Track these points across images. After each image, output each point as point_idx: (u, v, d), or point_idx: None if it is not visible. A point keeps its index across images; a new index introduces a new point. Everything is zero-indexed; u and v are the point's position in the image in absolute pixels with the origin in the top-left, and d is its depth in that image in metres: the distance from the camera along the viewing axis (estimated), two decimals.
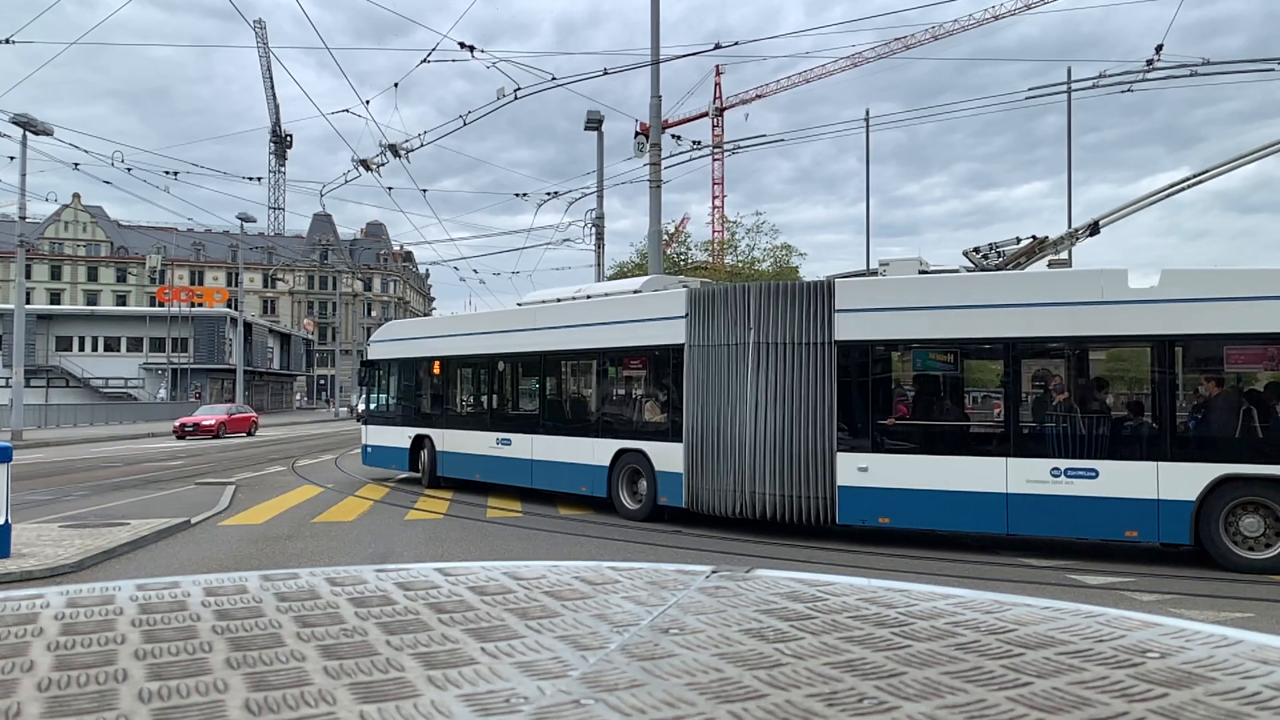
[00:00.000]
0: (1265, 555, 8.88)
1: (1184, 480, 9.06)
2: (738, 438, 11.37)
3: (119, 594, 1.46)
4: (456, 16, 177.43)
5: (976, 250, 11.49)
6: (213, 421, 35.67)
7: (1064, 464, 9.60)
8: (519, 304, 16.57)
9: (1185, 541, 9.16)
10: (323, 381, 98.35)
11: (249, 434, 37.64)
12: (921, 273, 11.09)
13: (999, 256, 11.23)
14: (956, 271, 11.36)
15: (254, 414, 40.77)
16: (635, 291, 13.55)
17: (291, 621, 1.29)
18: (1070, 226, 24.05)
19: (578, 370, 14.35)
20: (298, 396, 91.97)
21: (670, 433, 12.19)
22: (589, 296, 14.15)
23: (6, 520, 8.89)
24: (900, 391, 11.17)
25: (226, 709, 0.92)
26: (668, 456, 12.14)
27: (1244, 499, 8.93)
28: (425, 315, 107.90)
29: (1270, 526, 8.88)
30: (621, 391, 13.81)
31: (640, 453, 12.55)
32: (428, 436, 16.51)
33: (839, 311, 10.77)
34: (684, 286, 12.69)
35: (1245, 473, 8.91)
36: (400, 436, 17.12)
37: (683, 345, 11.97)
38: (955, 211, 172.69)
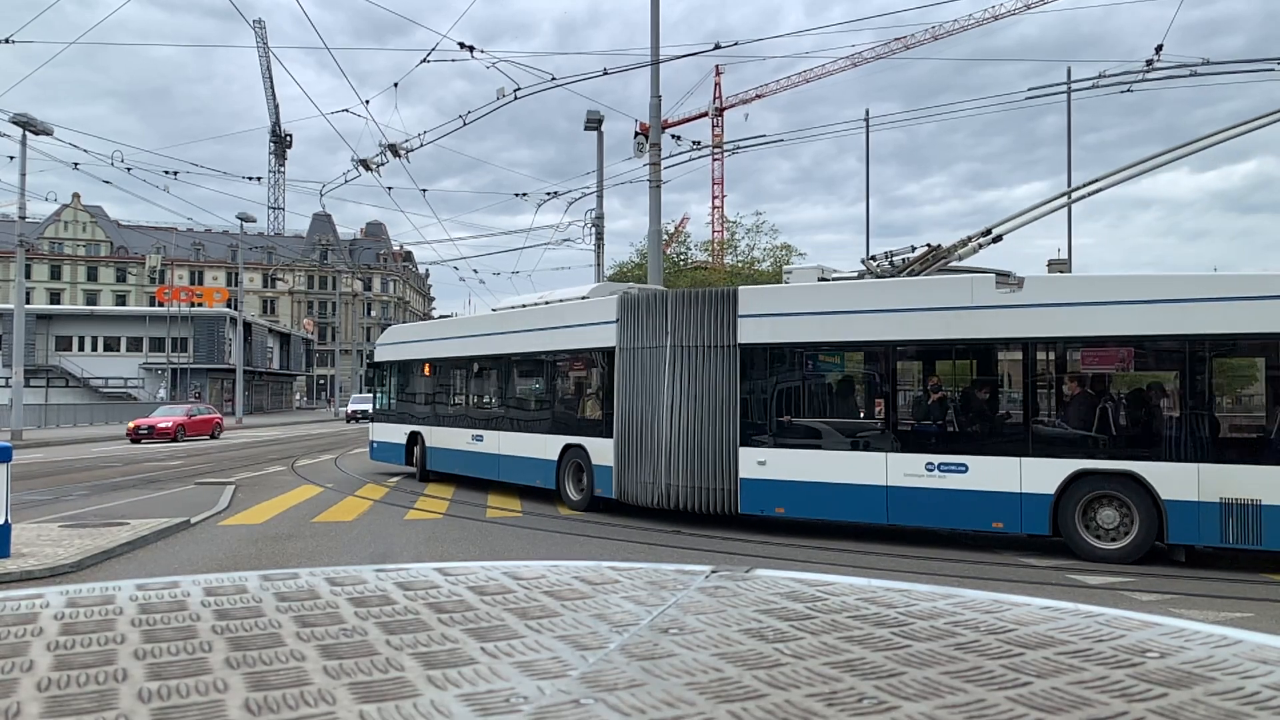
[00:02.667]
0: (1116, 546, 9.37)
1: (1043, 475, 9.61)
2: (657, 434, 12.25)
3: (119, 594, 1.46)
4: (456, 16, 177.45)
5: (874, 258, 12.07)
6: (169, 424, 32.80)
7: (937, 459, 10.24)
8: (493, 310, 17.76)
9: (1045, 532, 9.65)
10: (323, 381, 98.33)
11: (212, 436, 35.01)
12: (821, 280, 11.85)
13: (902, 263, 11.75)
14: (862, 279, 11.90)
15: (218, 415, 37.88)
16: (583, 298, 14.31)
17: (291, 621, 1.29)
18: (1070, 228, 23.88)
19: (534, 371, 15.39)
20: (297, 396, 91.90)
21: (604, 429, 13.08)
22: (547, 303, 15.19)
23: (6, 520, 8.89)
24: (795, 391, 11.83)
25: (226, 709, 0.92)
26: (602, 451, 13.06)
27: (1099, 492, 9.45)
28: (425, 315, 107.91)
29: (1125, 519, 9.34)
30: (568, 391, 14.85)
31: (581, 448, 13.54)
32: (420, 433, 17.85)
33: (742, 317, 11.59)
34: (626, 294, 13.43)
35: (1098, 468, 9.47)
36: (399, 433, 18.49)
37: (614, 348, 12.89)
38: (955, 211, 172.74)
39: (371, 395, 21.01)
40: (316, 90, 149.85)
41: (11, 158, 28.50)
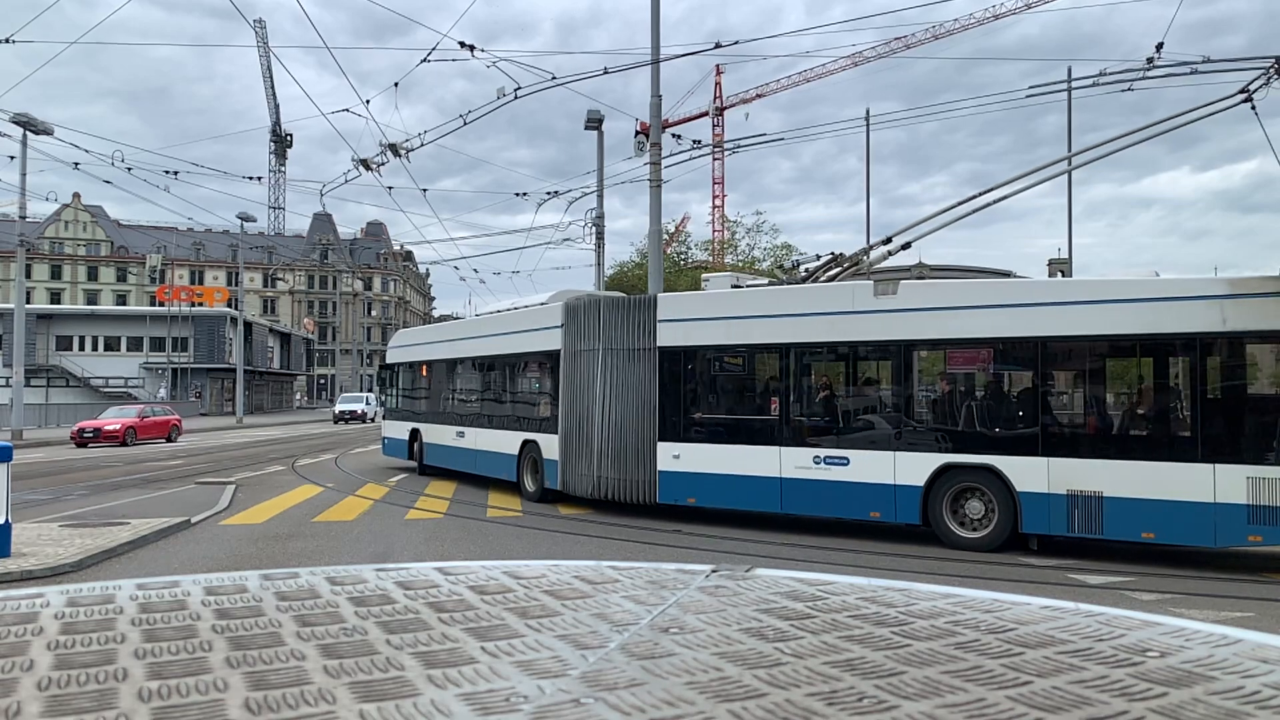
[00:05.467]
0: (978, 534, 10.01)
1: (914, 468, 10.31)
2: (591, 430, 13.12)
3: (119, 593, 1.46)
4: (456, 16, 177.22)
5: (781, 267, 12.87)
6: (117, 426, 30.33)
7: (823, 453, 10.98)
8: (476, 314, 19.39)
9: (916, 522, 10.34)
10: (323, 381, 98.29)
11: (169, 439, 32.35)
12: (735, 287, 12.67)
13: (809, 270, 12.49)
14: (780, 285, 12.64)
15: (175, 416, 34.72)
16: (542, 304, 15.13)
17: (291, 621, 1.29)
18: (1070, 228, 23.81)
19: (502, 372, 16.49)
20: (298, 396, 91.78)
21: (553, 426, 13.94)
22: (515, 308, 16.47)
23: (7, 519, 8.89)
24: (705, 390, 12.69)
25: (226, 708, 0.92)
26: (550, 446, 13.94)
27: (964, 485, 10.09)
28: (425, 314, 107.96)
29: (990, 510, 9.95)
30: (526, 391, 15.91)
31: (535, 443, 14.48)
32: (419, 430, 19.13)
33: (660, 322, 12.38)
34: (570, 300, 14.23)
35: (961, 461, 10.11)
36: (403, 430, 19.93)
37: (559, 351, 13.77)
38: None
39: (378, 396, 22.84)
40: (317, 90, 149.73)
41: (12, 158, 28.51)
